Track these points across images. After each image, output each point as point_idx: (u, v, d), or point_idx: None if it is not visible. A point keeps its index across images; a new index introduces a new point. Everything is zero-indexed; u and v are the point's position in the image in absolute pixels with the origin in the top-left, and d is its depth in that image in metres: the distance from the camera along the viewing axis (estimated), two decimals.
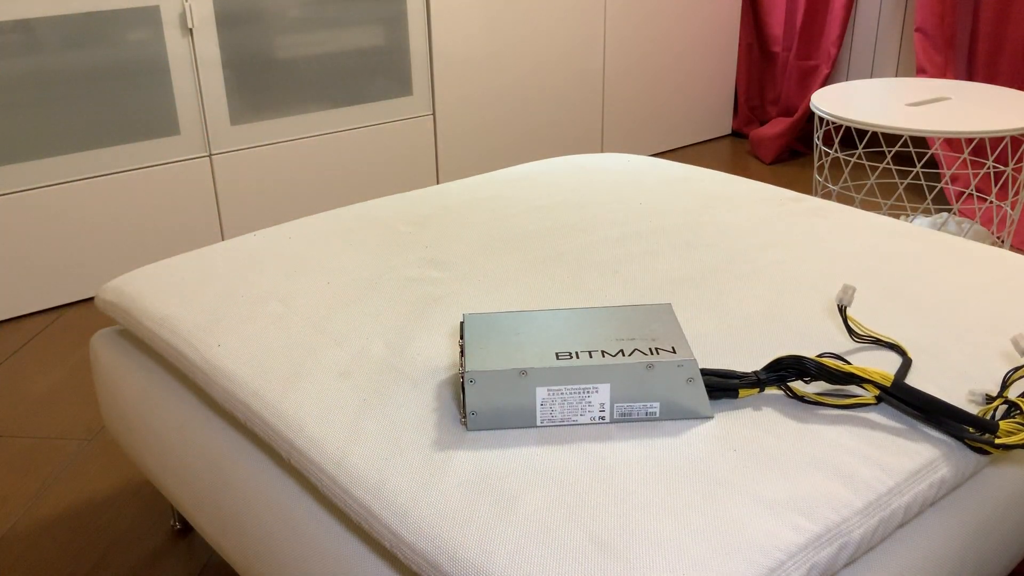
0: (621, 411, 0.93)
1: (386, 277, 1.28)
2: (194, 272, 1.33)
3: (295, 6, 2.47)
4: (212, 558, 1.45)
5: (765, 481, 0.84)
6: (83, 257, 2.33)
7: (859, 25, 3.31)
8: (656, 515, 0.80)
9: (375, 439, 0.93)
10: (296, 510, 0.98)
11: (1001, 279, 1.25)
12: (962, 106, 2.24)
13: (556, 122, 3.12)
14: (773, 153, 3.35)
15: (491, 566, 0.76)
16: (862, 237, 1.39)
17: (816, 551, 0.78)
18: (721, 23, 3.46)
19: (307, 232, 1.45)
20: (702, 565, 0.75)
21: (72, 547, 1.48)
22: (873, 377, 0.93)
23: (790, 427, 0.93)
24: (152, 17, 2.26)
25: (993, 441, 0.89)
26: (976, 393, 0.98)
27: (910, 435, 0.92)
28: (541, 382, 0.92)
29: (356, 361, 1.07)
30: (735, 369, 1.01)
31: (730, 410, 0.95)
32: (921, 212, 2.71)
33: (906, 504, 0.86)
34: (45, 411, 1.87)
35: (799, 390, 0.97)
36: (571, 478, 0.85)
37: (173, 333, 1.18)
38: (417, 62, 2.74)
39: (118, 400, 1.32)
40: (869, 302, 1.18)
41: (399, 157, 2.79)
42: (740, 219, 1.47)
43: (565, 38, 3.04)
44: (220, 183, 2.48)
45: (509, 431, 0.93)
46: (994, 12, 2.88)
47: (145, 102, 2.31)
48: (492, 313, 1.02)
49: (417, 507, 0.83)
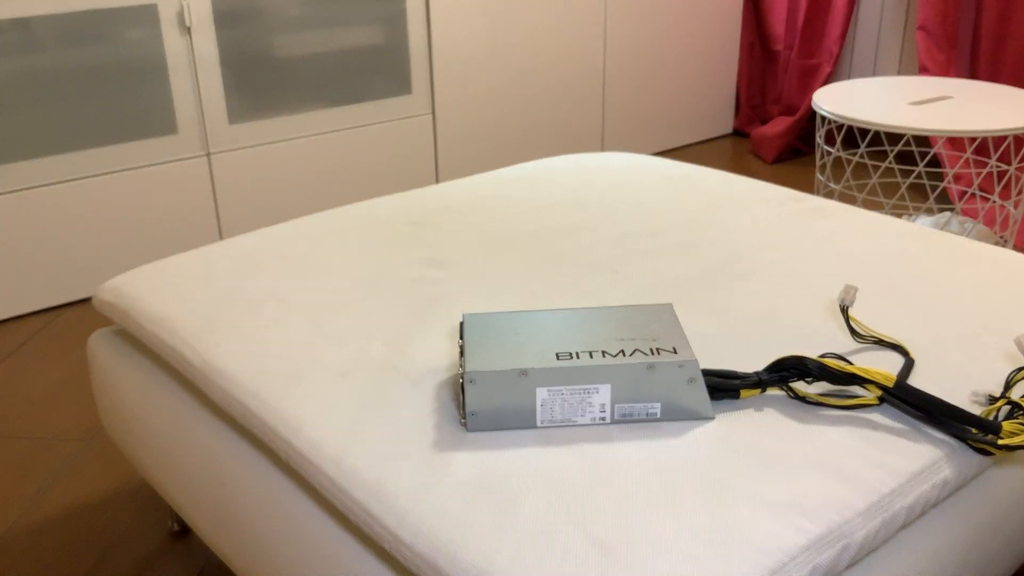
0: (622, 412, 0.93)
1: (386, 277, 1.28)
2: (192, 272, 1.32)
3: (294, 5, 2.47)
4: (210, 560, 1.44)
5: (767, 482, 0.84)
6: (81, 257, 2.32)
7: (861, 23, 3.30)
8: (657, 516, 0.79)
9: (374, 440, 0.92)
10: (295, 511, 0.97)
11: (1004, 279, 1.24)
12: (965, 105, 2.23)
13: (556, 121, 3.12)
14: (775, 152, 3.34)
15: (491, 568, 0.75)
16: (864, 237, 1.38)
17: (818, 552, 0.78)
18: (722, 21, 3.45)
19: (306, 232, 1.45)
20: (703, 567, 0.74)
21: (70, 548, 1.47)
22: (875, 378, 0.92)
23: (792, 428, 0.92)
24: (150, 16, 2.26)
25: (996, 442, 0.89)
26: (979, 394, 0.97)
27: (912, 436, 0.91)
28: (541, 383, 0.91)
29: (355, 361, 1.06)
30: (736, 370, 1.01)
31: (731, 411, 0.95)
32: (924, 211, 2.70)
33: (908, 505, 0.85)
34: (43, 411, 1.87)
35: (801, 391, 0.97)
36: (571, 479, 0.85)
37: (171, 333, 1.18)
38: (416, 61, 2.73)
39: (116, 401, 1.32)
40: (871, 302, 1.18)
41: (398, 156, 2.79)
42: (741, 219, 1.46)
43: (565, 36, 3.04)
44: (218, 182, 2.47)
45: (509, 432, 0.92)
46: (997, 10, 2.88)
47: (143, 101, 2.30)
48: (492, 313, 1.01)
49: (416, 508, 0.83)
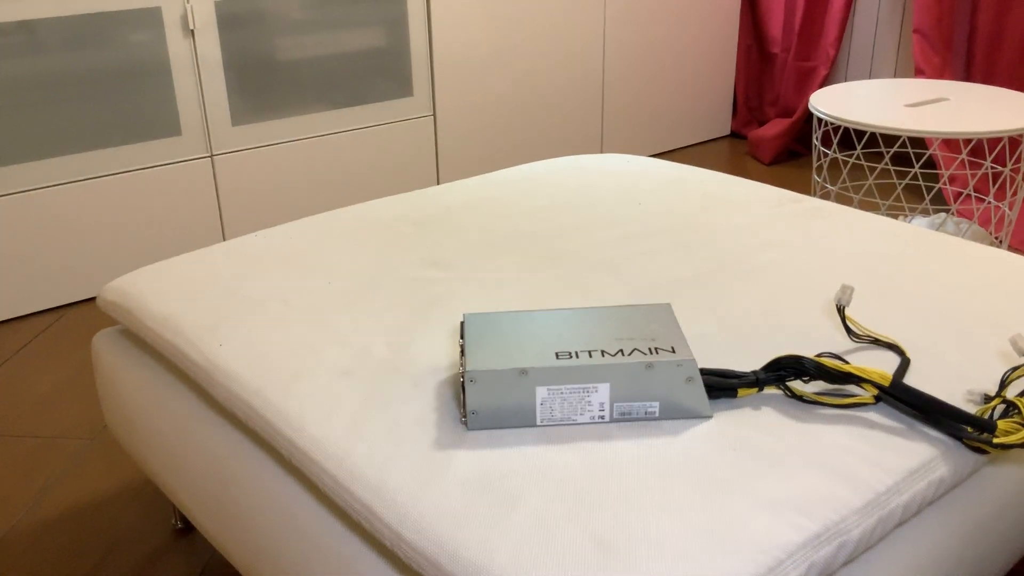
0: (621, 411, 0.94)
1: (387, 277, 1.29)
2: (196, 272, 1.33)
3: (296, 8, 2.48)
4: (213, 557, 1.45)
5: (764, 480, 0.85)
6: (85, 257, 2.33)
7: (857, 26, 3.31)
8: (655, 514, 0.80)
9: (376, 438, 0.93)
10: (297, 509, 0.98)
11: (999, 279, 1.25)
12: (960, 107, 2.24)
13: (556, 123, 3.13)
14: (772, 154, 3.35)
15: (491, 565, 0.76)
16: (860, 237, 1.39)
17: (815, 550, 0.79)
18: (720, 24, 3.46)
19: (308, 232, 1.46)
20: (701, 564, 0.75)
21: (74, 546, 1.48)
22: (872, 377, 0.94)
23: (789, 426, 0.93)
24: (154, 18, 2.27)
25: (991, 440, 0.90)
26: (974, 393, 0.98)
27: (908, 434, 0.92)
28: (541, 381, 0.92)
29: (357, 361, 1.07)
30: (733, 368, 1.02)
31: (729, 410, 0.96)
32: (919, 212, 2.72)
33: (904, 503, 0.86)
34: (47, 411, 1.87)
35: (798, 390, 0.98)
36: (571, 477, 0.86)
37: (175, 333, 1.19)
38: (418, 63, 2.74)
39: (120, 400, 1.33)
40: (867, 302, 1.19)
41: (400, 158, 2.80)
42: (739, 219, 1.47)
43: (565, 39, 3.05)
44: (221, 184, 2.48)
45: (509, 430, 0.93)
46: (992, 13, 2.89)
47: (147, 103, 2.31)
48: (492, 313, 1.02)
49: (418, 506, 0.84)
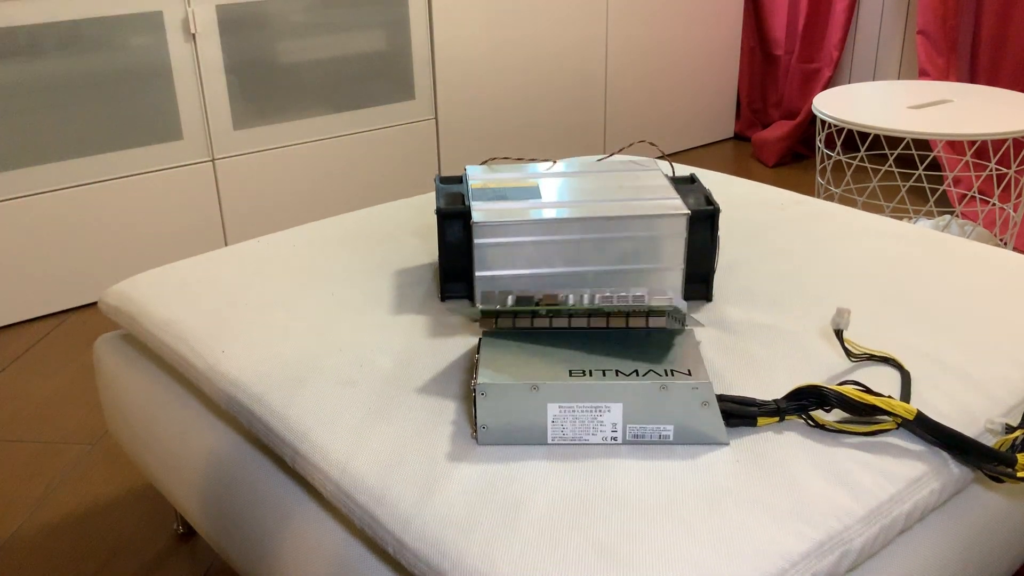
0: (634, 432, 0.92)
1: (390, 285, 1.29)
2: (198, 277, 1.33)
3: (298, 11, 2.48)
4: (215, 562, 1.45)
5: (767, 489, 0.84)
6: (86, 262, 2.33)
7: (861, 28, 3.31)
8: (659, 522, 0.80)
9: (380, 446, 0.93)
10: (300, 515, 0.98)
11: (1005, 281, 1.25)
12: (964, 108, 2.24)
13: (559, 126, 3.13)
14: (775, 156, 3.35)
15: (495, 573, 0.76)
16: (865, 239, 1.39)
17: (818, 559, 0.79)
18: (723, 26, 3.46)
19: (311, 239, 1.46)
20: (705, 572, 0.75)
21: (76, 551, 1.48)
22: (896, 410, 0.91)
23: (792, 436, 0.93)
24: (155, 22, 2.27)
25: (1015, 474, 0.89)
26: (995, 422, 0.96)
27: (911, 442, 0.92)
28: (552, 398, 0.91)
29: (361, 370, 1.07)
30: (747, 396, 0.99)
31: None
32: (923, 214, 2.71)
33: (907, 511, 0.86)
34: (49, 416, 1.87)
35: (820, 419, 0.94)
36: (575, 485, 0.86)
37: (177, 338, 1.19)
38: (419, 66, 2.74)
39: (122, 405, 1.33)
40: (872, 305, 1.18)
41: (402, 161, 2.80)
42: (742, 221, 1.47)
43: (567, 42, 3.05)
44: (223, 187, 2.48)
45: (517, 446, 0.92)
46: (996, 14, 2.88)
47: (148, 107, 2.31)
48: (509, 331, 1.01)
49: (421, 513, 0.83)
